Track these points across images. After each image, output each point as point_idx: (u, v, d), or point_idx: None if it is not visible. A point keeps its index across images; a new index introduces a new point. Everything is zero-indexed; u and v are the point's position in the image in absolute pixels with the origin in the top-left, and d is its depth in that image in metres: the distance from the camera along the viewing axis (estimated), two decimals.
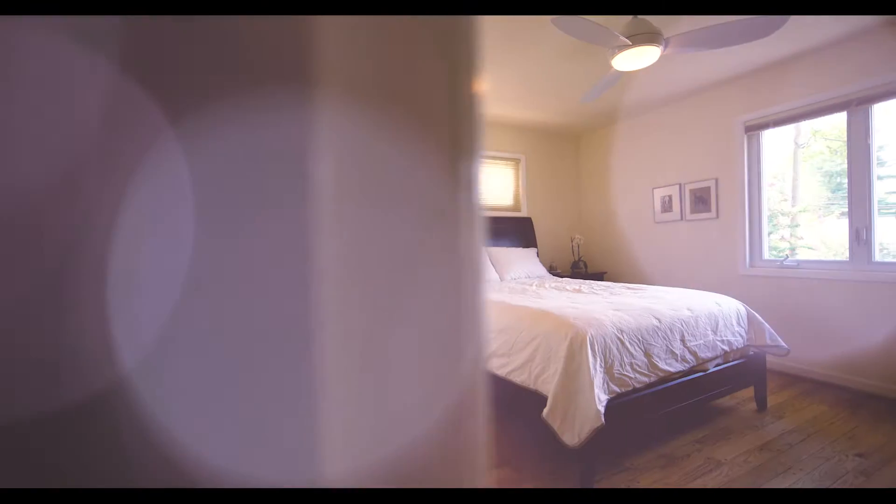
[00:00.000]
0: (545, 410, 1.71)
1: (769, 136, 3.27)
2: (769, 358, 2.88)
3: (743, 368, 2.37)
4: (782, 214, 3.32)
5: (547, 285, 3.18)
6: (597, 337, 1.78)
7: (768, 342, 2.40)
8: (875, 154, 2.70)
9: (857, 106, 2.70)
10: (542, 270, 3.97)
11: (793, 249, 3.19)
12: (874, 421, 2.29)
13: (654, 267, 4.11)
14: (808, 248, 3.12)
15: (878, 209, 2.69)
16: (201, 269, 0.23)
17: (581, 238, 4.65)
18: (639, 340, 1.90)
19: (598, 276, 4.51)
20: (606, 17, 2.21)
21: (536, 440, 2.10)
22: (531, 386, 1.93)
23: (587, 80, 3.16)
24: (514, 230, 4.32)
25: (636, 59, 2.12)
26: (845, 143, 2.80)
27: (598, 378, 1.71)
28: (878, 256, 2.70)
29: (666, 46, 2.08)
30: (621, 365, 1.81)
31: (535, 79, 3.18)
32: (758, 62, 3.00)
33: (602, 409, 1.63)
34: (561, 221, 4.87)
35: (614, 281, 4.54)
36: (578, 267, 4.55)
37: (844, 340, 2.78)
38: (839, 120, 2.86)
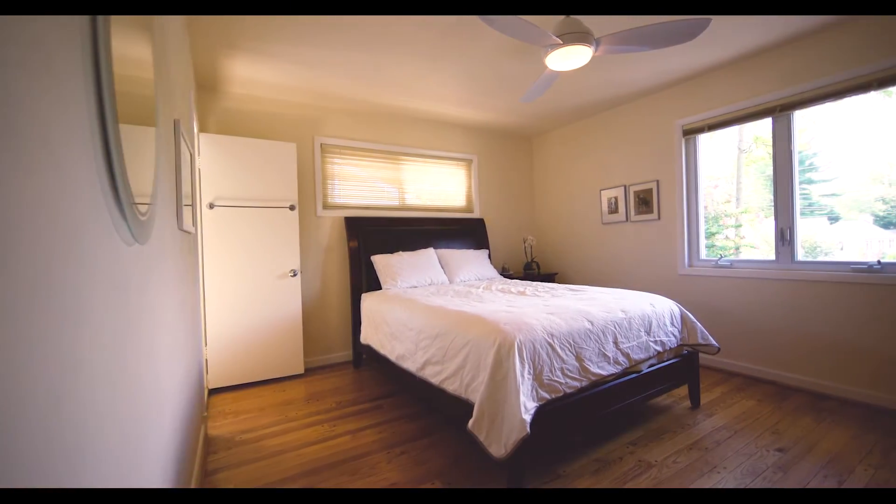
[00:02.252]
0: (471, 421, 1.64)
1: (715, 140, 3.38)
2: (707, 355, 2.96)
3: (677, 368, 2.40)
4: (727, 215, 3.44)
5: (493, 287, 3.13)
6: (526, 342, 1.72)
7: (700, 341, 2.45)
8: (797, 157, 2.83)
9: (781, 112, 2.83)
10: (493, 272, 3.93)
11: (737, 248, 3.31)
12: (796, 414, 2.39)
13: (601, 267, 4.18)
14: (751, 247, 3.24)
15: (813, 211, 2.81)
16: None
17: (533, 239, 4.66)
18: (570, 344, 1.87)
19: (550, 277, 4.54)
20: (541, 18, 2.18)
21: (471, 452, 2.03)
22: (462, 395, 1.86)
23: (530, 79, 3.15)
24: (465, 232, 4.27)
25: (569, 58, 2.10)
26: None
27: (525, 385, 1.65)
28: (800, 256, 2.83)
29: (597, 47, 2.07)
30: (551, 370, 1.77)
31: (479, 77, 3.13)
32: (693, 67, 3.08)
33: (528, 418, 1.57)
34: (514, 223, 4.86)
35: (565, 281, 4.58)
36: (531, 268, 4.55)
37: (771, 336, 2.90)
38: (792, 127, 2.90)
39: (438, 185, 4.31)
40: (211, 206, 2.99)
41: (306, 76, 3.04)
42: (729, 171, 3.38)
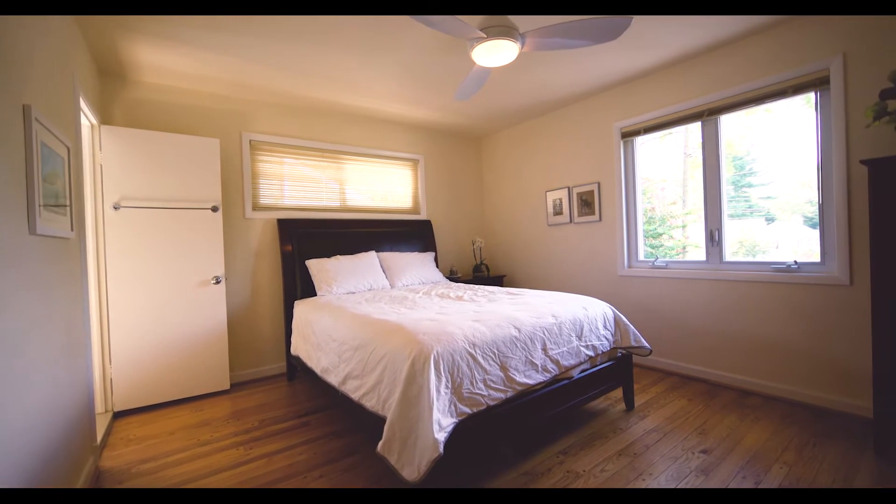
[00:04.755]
0: (380, 444, 1.50)
1: (665, 144, 3.41)
2: (645, 356, 2.97)
3: (611, 371, 2.38)
4: (672, 216, 3.50)
5: (433, 293, 3.02)
6: (444, 354, 1.61)
7: (633, 343, 2.44)
8: (724, 161, 2.91)
9: (708, 116, 2.90)
10: (438, 276, 3.81)
11: (684, 248, 3.36)
12: (723, 412, 2.43)
13: (547, 269, 4.17)
14: (696, 246, 3.29)
15: (752, 213, 2.88)
16: None
17: (482, 241, 4.60)
18: (494, 353, 1.77)
19: (499, 280, 4.49)
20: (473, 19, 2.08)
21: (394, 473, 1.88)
22: (381, 412, 1.72)
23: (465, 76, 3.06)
24: (411, 234, 4.13)
25: (495, 53, 2.01)
26: (730, 154, 2.95)
27: (441, 401, 1.53)
28: (729, 256, 2.91)
29: (524, 43, 2.00)
30: (472, 382, 1.66)
31: (415, 73, 3.00)
32: (629, 70, 3.11)
33: (442, 437, 1.45)
34: (464, 224, 4.78)
35: (514, 283, 4.55)
36: (480, 270, 4.48)
37: (703, 335, 2.97)
38: (719, 131, 2.96)
39: (383, 186, 4.15)
40: (116, 207, 2.68)
41: (229, 66, 2.79)
42: (676, 174, 3.45)
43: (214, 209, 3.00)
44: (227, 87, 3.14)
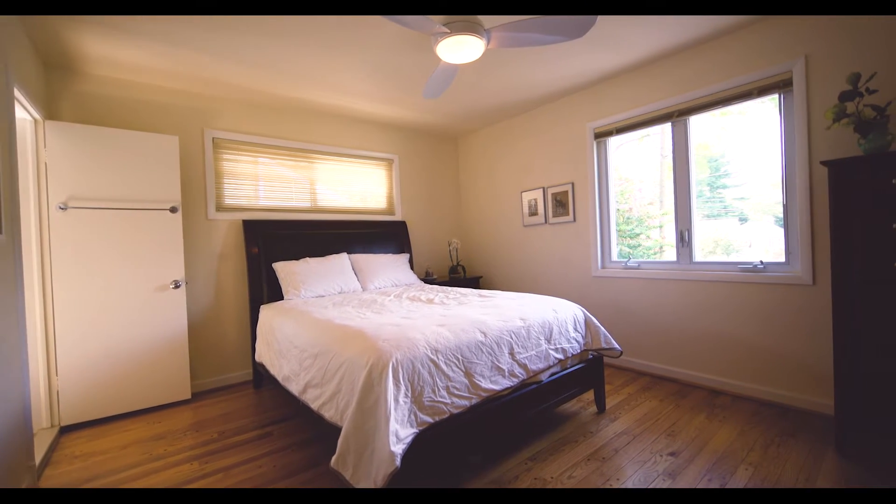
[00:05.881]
0: (333, 458, 1.42)
1: (643, 145, 3.41)
2: (617, 357, 2.95)
3: (581, 373, 2.35)
4: (649, 217, 3.50)
5: (404, 295, 2.94)
6: (403, 361, 1.54)
7: (603, 345, 2.42)
8: (694, 161, 2.93)
9: (678, 117, 2.91)
10: (412, 278, 3.74)
11: (661, 248, 3.36)
12: (692, 412, 2.43)
13: (523, 270, 4.14)
14: (672, 246, 3.30)
15: (727, 213, 2.89)
16: None
17: (458, 242, 4.55)
18: (458, 359, 1.71)
19: (475, 281, 4.44)
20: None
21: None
22: (339, 423, 1.63)
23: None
24: (386, 235, 4.04)
25: (460, 49, 1.96)
26: (706, 156, 2.96)
27: (400, 411, 1.46)
28: (705, 256, 2.91)
29: (489, 39, 1.95)
30: (434, 390, 1.60)
31: (385, 70, 2.92)
32: (602, 70, 3.10)
33: (400, 450, 1.38)
34: (440, 225, 4.72)
35: (490, 285, 4.51)
36: (456, 272, 4.43)
37: (674, 335, 2.98)
38: (695, 134, 2.97)
39: (356, 186, 4.05)
40: (62, 207, 2.51)
41: (188, 61, 2.65)
42: (655, 175, 3.45)
43: (173, 210, 2.86)
44: (188, 82, 3.00)
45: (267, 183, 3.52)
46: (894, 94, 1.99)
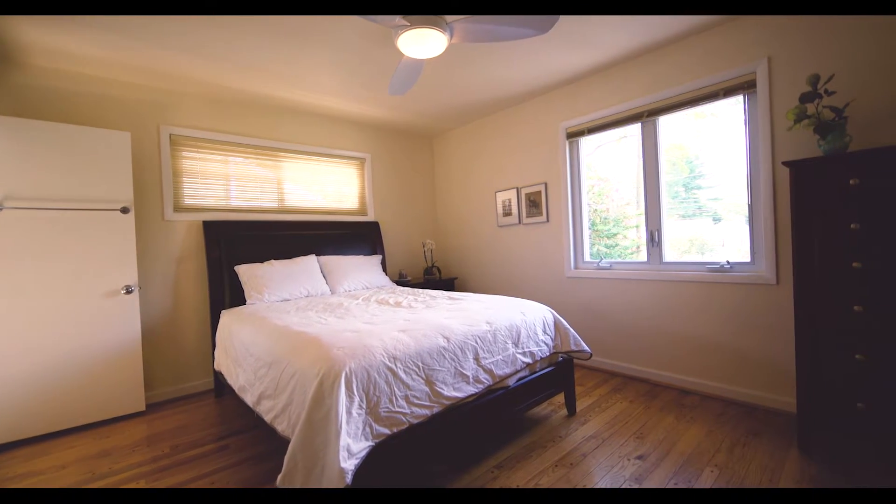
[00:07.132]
0: (279, 477, 1.33)
1: (622, 146, 3.39)
2: (589, 358, 2.92)
3: (551, 377, 2.31)
4: (626, 217, 3.50)
5: (373, 298, 2.85)
6: (357, 371, 1.45)
7: (573, 348, 2.38)
8: (664, 161, 2.94)
9: (647, 118, 2.92)
10: (384, 280, 3.64)
11: (638, 247, 3.36)
12: (661, 413, 2.42)
13: (497, 271, 4.10)
14: None
15: (702, 213, 2.89)
16: None
17: (433, 243, 4.47)
18: (418, 367, 1.64)
19: (450, 283, 4.37)
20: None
21: None
22: (290, 436, 1.53)
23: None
24: (357, 236, 3.94)
25: (422, 43, 1.88)
26: (683, 157, 2.96)
27: (353, 424, 1.38)
28: (679, 256, 2.91)
29: (452, 33, 1.89)
30: (391, 400, 1.52)
31: (352, 66, 2.82)
32: (574, 70, 3.08)
33: (352, 466, 1.30)
34: (415, 226, 4.63)
35: (465, 286, 4.45)
36: (431, 273, 4.35)
37: (645, 335, 2.98)
38: (667, 134, 2.97)
39: (326, 186, 3.92)
40: None
41: (141, 52, 2.50)
42: (632, 176, 3.45)
43: (125, 210, 2.69)
44: (141, 75, 2.83)
45: (230, 182, 3.37)
46: (852, 95, 2.01)
